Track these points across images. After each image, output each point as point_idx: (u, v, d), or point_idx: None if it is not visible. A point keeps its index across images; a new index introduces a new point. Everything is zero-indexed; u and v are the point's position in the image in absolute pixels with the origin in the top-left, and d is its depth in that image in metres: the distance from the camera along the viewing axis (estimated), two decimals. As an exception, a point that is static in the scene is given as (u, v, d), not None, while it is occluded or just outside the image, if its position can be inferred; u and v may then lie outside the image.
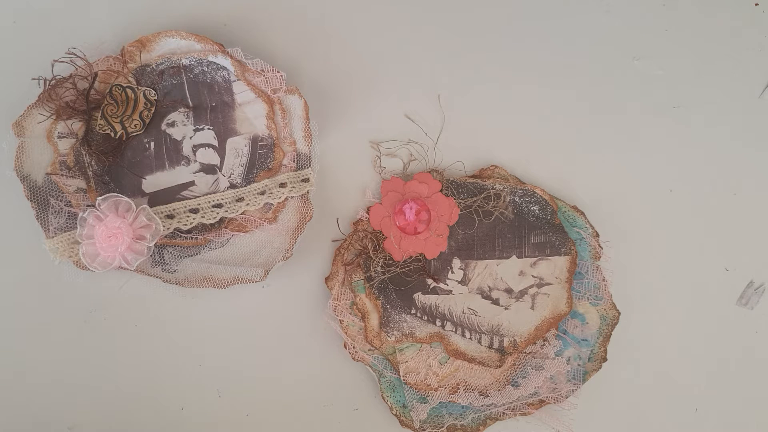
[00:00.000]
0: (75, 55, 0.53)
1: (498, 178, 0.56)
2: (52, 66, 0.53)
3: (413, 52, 0.59)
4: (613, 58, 0.59)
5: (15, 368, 0.54)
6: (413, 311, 0.53)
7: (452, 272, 0.54)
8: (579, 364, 0.52)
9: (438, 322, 0.53)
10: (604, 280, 0.54)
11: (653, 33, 0.59)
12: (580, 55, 0.59)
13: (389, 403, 0.53)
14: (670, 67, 0.59)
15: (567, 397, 0.52)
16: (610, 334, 0.53)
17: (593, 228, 0.55)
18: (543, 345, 0.53)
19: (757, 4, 0.60)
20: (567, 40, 0.59)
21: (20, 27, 0.57)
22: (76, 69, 0.54)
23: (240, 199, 0.54)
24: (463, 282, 0.54)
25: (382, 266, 0.54)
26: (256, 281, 0.53)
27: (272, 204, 0.54)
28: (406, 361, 0.53)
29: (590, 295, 0.53)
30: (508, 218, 0.54)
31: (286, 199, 0.54)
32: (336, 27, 0.59)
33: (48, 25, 0.57)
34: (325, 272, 0.55)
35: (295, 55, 0.58)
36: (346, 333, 0.53)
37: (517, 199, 0.55)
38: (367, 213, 0.55)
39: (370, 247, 0.54)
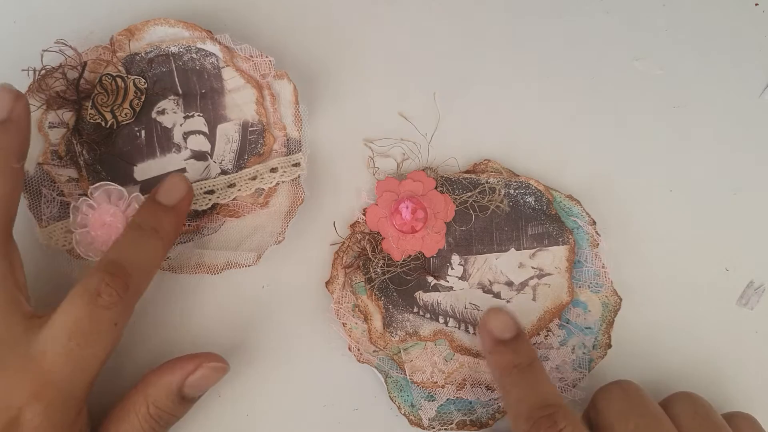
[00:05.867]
0: (64, 44, 0.59)
1: (492, 171, 0.62)
2: (42, 56, 0.59)
3: (409, 49, 0.66)
4: (613, 58, 0.67)
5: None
6: (415, 310, 0.59)
7: (452, 268, 0.60)
8: (584, 353, 0.59)
9: (441, 320, 0.59)
10: (603, 267, 0.60)
11: (653, 33, 0.67)
12: (580, 55, 0.67)
13: (397, 403, 0.58)
14: (670, 67, 0.67)
15: (574, 386, 0.58)
16: (613, 320, 0.59)
17: (589, 216, 0.61)
18: (547, 335, 0.59)
19: (757, 4, 0.68)
20: (566, 40, 0.67)
21: (7, 18, 0.64)
22: (66, 59, 0.60)
23: (232, 185, 0.60)
24: (463, 278, 0.60)
25: (381, 267, 0.60)
26: (248, 265, 0.59)
27: (263, 189, 0.61)
28: (412, 360, 0.59)
29: (591, 282, 0.60)
30: (504, 211, 0.61)
31: (277, 183, 0.61)
32: (332, 23, 0.67)
33: (36, 16, 0.64)
34: (325, 276, 0.61)
35: (287, 50, 0.66)
36: (349, 336, 0.59)
37: (512, 191, 0.62)
38: (364, 215, 0.62)
39: (368, 249, 0.61)
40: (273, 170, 0.61)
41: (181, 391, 0.54)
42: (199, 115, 0.62)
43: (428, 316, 0.60)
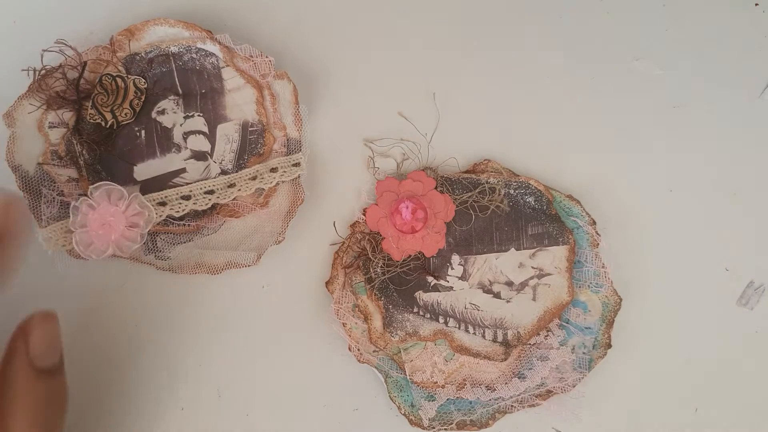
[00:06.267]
0: (64, 44, 0.60)
1: (492, 171, 0.63)
2: (42, 56, 0.59)
3: (408, 49, 0.67)
4: (613, 58, 0.67)
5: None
6: (415, 310, 0.60)
7: (452, 268, 0.61)
8: (584, 353, 0.59)
9: (441, 319, 0.60)
10: (603, 266, 0.61)
11: (653, 33, 0.68)
12: (580, 55, 0.67)
13: (397, 403, 0.59)
14: (670, 67, 0.67)
15: (574, 386, 0.59)
16: (613, 320, 0.60)
17: (589, 216, 0.62)
18: (547, 335, 0.60)
19: (757, 4, 0.68)
20: (566, 40, 0.67)
21: (7, 18, 0.65)
22: (66, 59, 0.60)
23: (232, 185, 0.61)
24: (463, 278, 0.60)
25: (381, 267, 0.60)
26: (248, 265, 0.60)
27: (264, 189, 0.61)
28: (412, 360, 0.59)
29: (591, 282, 0.60)
30: (504, 211, 0.62)
31: (277, 183, 0.61)
32: (332, 23, 0.67)
33: (36, 16, 0.65)
34: (325, 276, 0.61)
35: (287, 50, 0.66)
36: (350, 336, 0.60)
37: (512, 191, 0.62)
38: (364, 215, 0.62)
39: (368, 249, 0.61)
40: (273, 170, 0.62)
41: (34, 366, 0.49)
42: (199, 115, 0.62)
43: (428, 316, 0.60)
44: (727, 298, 0.64)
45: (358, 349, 0.60)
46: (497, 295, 0.61)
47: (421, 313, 0.60)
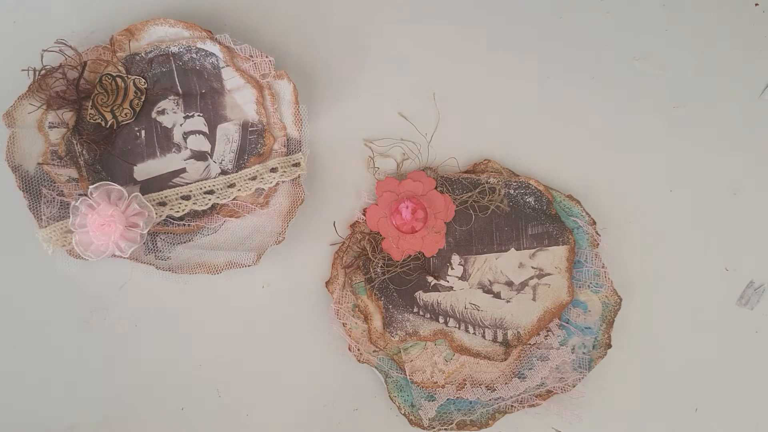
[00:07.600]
0: (64, 44, 0.60)
1: (492, 171, 0.63)
2: (42, 56, 0.59)
3: (409, 49, 0.67)
4: (613, 58, 0.67)
5: (15, 368, 0.60)
6: (415, 310, 0.60)
7: (452, 268, 0.61)
8: (584, 353, 0.60)
9: (441, 319, 0.60)
10: (603, 267, 0.61)
11: (653, 33, 0.68)
12: (580, 55, 0.67)
13: (397, 403, 0.59)
14: (670, 67, 0.67)
15: (574, 386, 0.59)
16: (613, 320, 0.60)
17: (589, 216, 0.62)
18: (547, 335, 0.60)
19: (757, 4, 0.68)
20: (566, 40, 0.67)
21: (7, 18, 0.65)
22: (66, 59, 0.60)
23: (231, 185, 0.61)
24: (463, 278, 0.61)
25: (381, 267, 0.61)
26: (248, 265, 0.60)
27: (264, 189, 0.61)
28: (412, 360, 0.59)
29: (591, 282, 0.60)
30: (504, 211, 0.62)
31: (277, 183, 0.61)
32: (332, 24, 0.67)
33: (36, 16, 0.65)
34: (325, 276, 0.62)
35: (287, 50, 0.66)
36: (350, 336, 0.60)
37: (512, 191, 0.62)
38: (364, 215, 0.63)
39: (368, 249, 0.61)
40: (273, 170, 0.62)
41: None
42: (199, 115, 0.62)
43: (428, 316, 0.60)
44: (727, 298, 0.64)
45: (358, 349, 0.60)
46: (497, 295, 0.61)
47: (421, 313, 0.60)
